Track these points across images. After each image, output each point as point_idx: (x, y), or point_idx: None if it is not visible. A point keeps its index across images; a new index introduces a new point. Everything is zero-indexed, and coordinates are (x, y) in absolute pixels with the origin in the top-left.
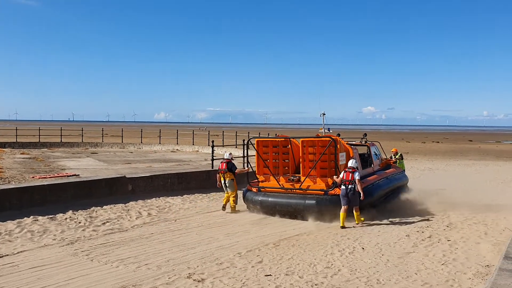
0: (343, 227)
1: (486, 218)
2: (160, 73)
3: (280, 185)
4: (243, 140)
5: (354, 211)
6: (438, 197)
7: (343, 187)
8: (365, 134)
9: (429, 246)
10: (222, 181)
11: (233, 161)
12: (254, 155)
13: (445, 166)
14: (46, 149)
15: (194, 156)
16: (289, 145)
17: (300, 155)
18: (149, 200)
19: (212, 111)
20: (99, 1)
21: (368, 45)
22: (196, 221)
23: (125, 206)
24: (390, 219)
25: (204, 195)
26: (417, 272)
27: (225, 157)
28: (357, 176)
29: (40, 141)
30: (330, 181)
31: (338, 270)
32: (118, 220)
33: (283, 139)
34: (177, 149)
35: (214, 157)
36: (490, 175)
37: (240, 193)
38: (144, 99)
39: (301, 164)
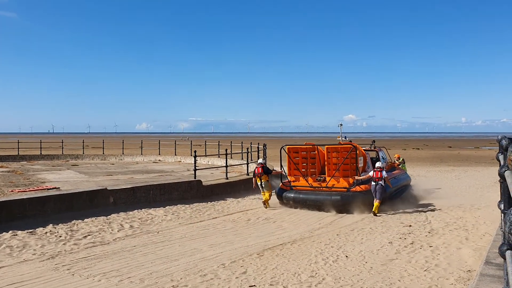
0: (377, 214)
1: (466, 223)
2: (141, 83)
3: (309, 184)
4: (282, 147)
5: (375, 202)
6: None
7: (373, 183)
8: (374, 141)
9: (412, 253)
10: (259, 183)
11: (266, 165)
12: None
13: (426, 172)
14: (25, 162)
15: (177, 167)
16: (316, 151)
17: (326, 159)
18: (131, 212)
19: (194, 121)
20: (77, 13)
21: (347, 52)
22: (179, 233)
23: (107, 219)
24: (373, 227)
25: (187, 205)
26: (400, 279)
27: (259, 162)
28: (385, 174)
29: (19, 154)
30: (351, 180)
31: (323, 278)
32: (99, 233)
33: (311, 146)
34: (159, 160)
35: (196, 167)
36: (469, 180)
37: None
38: (125, 110)
39: (326, 167)
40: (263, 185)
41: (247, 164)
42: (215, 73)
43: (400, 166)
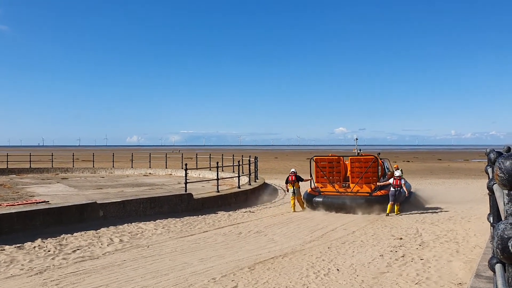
0: (387, 215)
1: (457, 236)
2: (132, 96)
3: (336, 190)
4: (311, 158)
5: (396, 205)
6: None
7: (392, 189)
8: (379, 153)
9: (403, 266)
10: (291, 189)
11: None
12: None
13: (416, 185)
14: (14, 176)
15: (167, 180)
16: (340, 162)
17: (349, 168)
18: (121, 226)
19: (185, 134)
20: (69, 27)
21: (338, 65)
22: (169, 247)
23: (96, 233)
24: (364, 240)
25: (178, 219)
26: None
27: (291, 171)
28: (403, 182)
29: (8, 167)
30: (372, 186)
31: None
32: (89, 248)
33: (336, 157)
34: (150, 173)
35: (187, 180)
36: (459, 193)
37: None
38: (116, 123)
39: (350, 175)
40: (295, 192)
41: (238, 177)
42: (207, 86)
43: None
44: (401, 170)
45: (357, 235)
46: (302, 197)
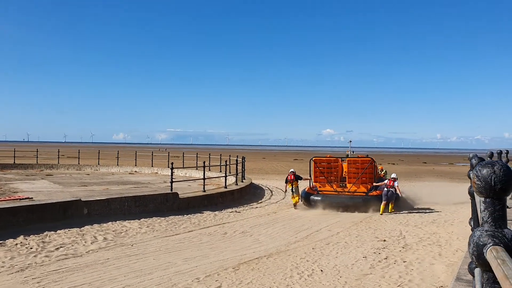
0: (381, 214)
1: (440, 239)
2: (119, 93)
3: (334, 189)
4: (311, 159)
5: (390, 204)
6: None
7: (385, 189)
8: (367, 155)
9: (386, 268)
10: (289, 188)
11: (296, 173)
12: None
13: (401, 187)
14: None
15: (153, 178)
16: (338, 163)
17: (346, 169)
18: (105, 224)
19: (172, 132)
20: (56, 24)
21: (326, 67)
22: (154, 246)
23: (80, 231)
24: (348, 241)
25: (162, 218)
26: None
27: (290, 171)
28: (396, 184)
29: None
30: (369, 186)
31: None
32: (72, 245)
33: (334, 158)
34: (135, 171)
35: (173, 179)
36: (443, 196)
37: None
38: (103, 120)
39: (347, 175)
40: (293, 190)
41: (225, 176)
42: (195, 85)
43: (385, 176)
44: (386, 171)
45: (341, 236)
46: (300, 196)
